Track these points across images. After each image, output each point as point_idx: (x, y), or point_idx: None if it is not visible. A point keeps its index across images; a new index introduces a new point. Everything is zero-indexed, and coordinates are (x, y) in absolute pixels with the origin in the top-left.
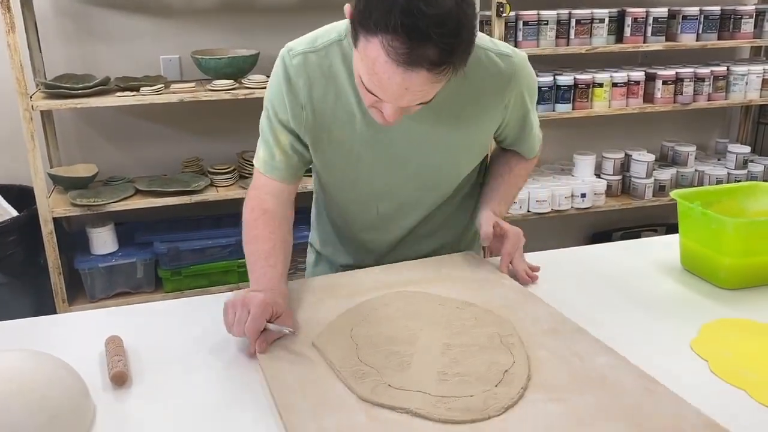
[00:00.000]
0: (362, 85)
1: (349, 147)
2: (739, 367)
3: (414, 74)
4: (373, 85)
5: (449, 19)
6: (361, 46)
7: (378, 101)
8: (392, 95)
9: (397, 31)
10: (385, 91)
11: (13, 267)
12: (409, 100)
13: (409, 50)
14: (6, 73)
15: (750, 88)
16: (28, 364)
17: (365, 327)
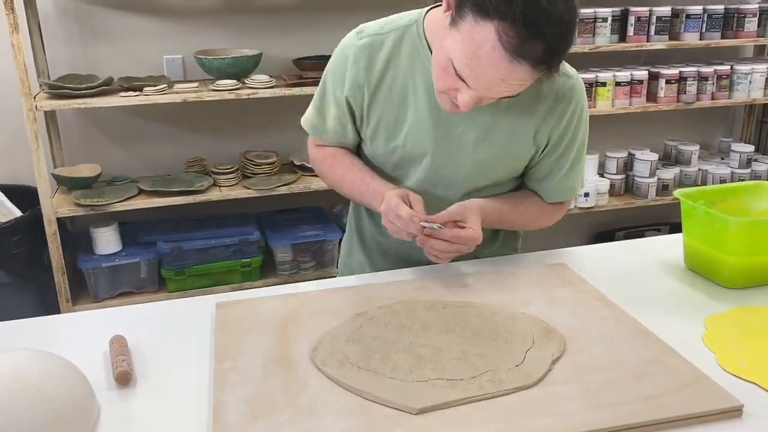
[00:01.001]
0: (445, 69)
1: (397, 130)
2: (747, 359)
3: (517, 67)
4: (467, 69)
5: (563, 21)
6: (466, 27)
7: (456, 88)
8: (485, 83)
9: (516, 21)
10: (480, 77)
11: (17, 267)
12: (497, 92)
13: (522, 41)
14: (10, 74)
15: (754, 87)
16: (33, 363)
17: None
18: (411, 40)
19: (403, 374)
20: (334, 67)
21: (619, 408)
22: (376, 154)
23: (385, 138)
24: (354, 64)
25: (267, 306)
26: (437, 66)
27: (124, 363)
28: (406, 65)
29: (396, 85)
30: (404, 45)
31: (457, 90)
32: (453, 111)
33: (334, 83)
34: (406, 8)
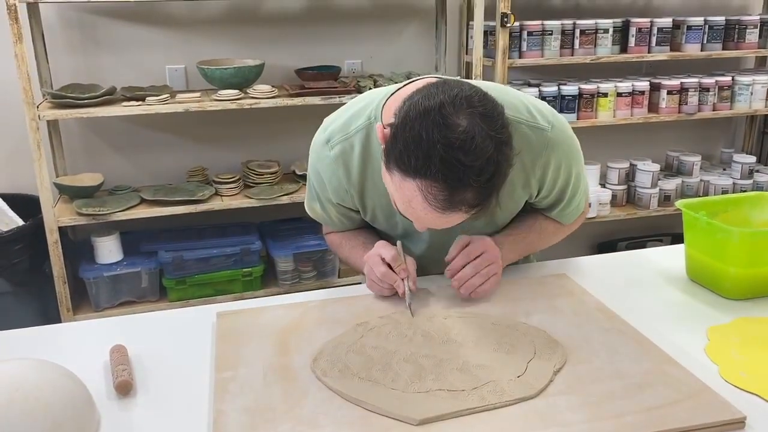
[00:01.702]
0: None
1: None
2: (749, 370)
3: (451, 215)
4: (409, 214)
5: (488, 166)
6: (396, 179)
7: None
8: (428, 224)
9: (437, 179)
10: (421, 223)
11: (18, 276)
12: (444, 228)
13: (448, 196)
14: (13, 83)
15: (755, 98)
16: (33, 373)
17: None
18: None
19: (404, 385)
20: (315, 179)
21: (621, 419)
22: (382, 229)
23: (384, 217)
24: (333, 176)
25: (268, 315)
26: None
27: (125, 372)
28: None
29: (377, 174)
30: (373, 140)
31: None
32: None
33: (321, 190)
34: (407, 19)
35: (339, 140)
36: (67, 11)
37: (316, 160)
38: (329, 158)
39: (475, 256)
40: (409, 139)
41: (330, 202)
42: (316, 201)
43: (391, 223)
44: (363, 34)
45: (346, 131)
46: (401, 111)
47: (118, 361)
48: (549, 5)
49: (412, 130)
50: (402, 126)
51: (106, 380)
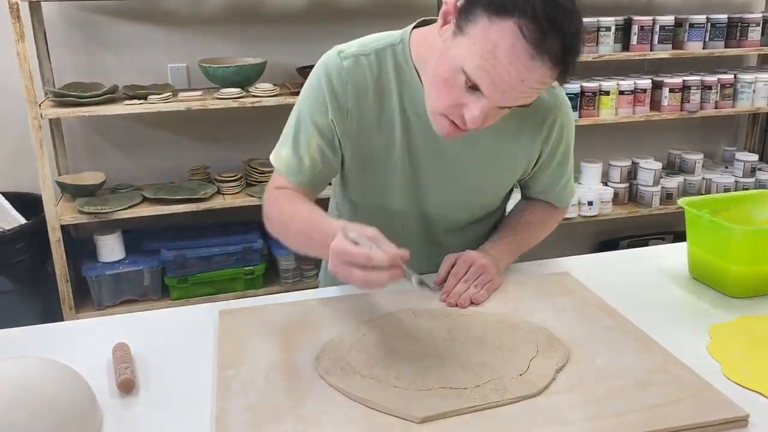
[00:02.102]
0: (447, 83)
1: (386, 156)
2: (751, 368)
3: (538, 64)
4: (482, 73)
5: (577, 19)
6: (478, 29)
7: (462, 102)
8: (503, 86)
9: (536, 15)
10: (498, 80)
11: (20, 274)
12: (513, 98)
13: (543, 36)
14: (15, 82)
15: (757, 96)
16: (36, 371)
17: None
18: (395, 60)
19: (406, 383)
20: (313, 93)
21: (624, 417)
22: (364, 188)
23: (376, 168)
24: (340, 86)
25: (270, 314)
26: (437, 82)
27: (127, 371)
28: (393, 87)
29: (384, 108)
30: (389, 65)
31: (462, 106)
32: (451, 134)
33: (314, 109)
34: (410, 17)
35: (353, 52)
36: (69, 10)
37: (320, 71)
38: (339, 67)
39: (464, 272)
40: None
41: (317, 130)
42: (295, 132)
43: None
44: (365, 32)
45: (362, 47)
46: None
47: (120, 360)
48: None
49: None
50: None
51: (109, 378)
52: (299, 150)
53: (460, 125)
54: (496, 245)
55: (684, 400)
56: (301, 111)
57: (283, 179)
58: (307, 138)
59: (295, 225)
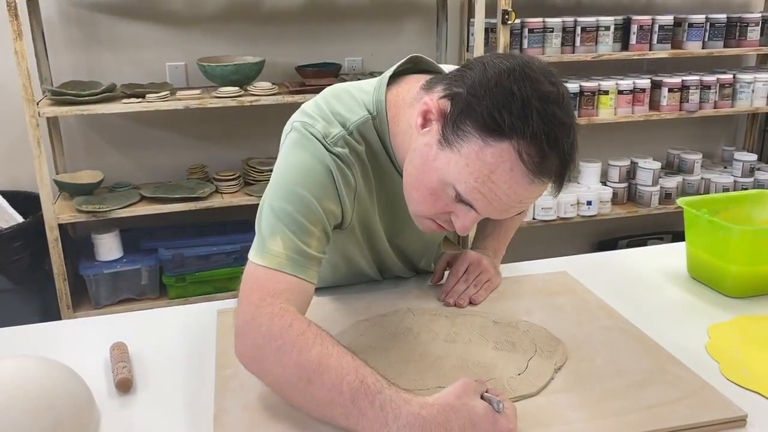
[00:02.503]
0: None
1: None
2: (750, 368)
3: (537, 186)
4: (478, 194)
5: (573, 132)
6: (471, 148)
7: (449, 211)
8: (500, 206)
9: (536, 137)
10: (496, 201)
11: (18, 273)
12: (509, 213)
13: (542, 159)
14: (13, 80)
15: (756, 96)
16: (33, 370)
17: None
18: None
19: (404, 382)
20: (314, 175)
21: (622, 417)
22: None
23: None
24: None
25: None
26: (422, 190)
27: (125, 370)
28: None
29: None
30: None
31: (450, 213)
32: (437, 231)
33: (321, 195)
34: (408, 17)
35: (341, 135)
36: (67, 8)
37: (311, 160)
38: (335, 155)
39: (462, 271)
40: (499, 96)
41: (327, 217)
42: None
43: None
44: (364, 31)
45: (345, 126)
46: (467, 79)
47: (118, 359)
48: (550, 2)
49: (499, 86)
50: (484, 85)
51: (107, 377)
52: (303, 238)
53: (447, 228)
54: (487, 242)
55: (683, 399)
56: (300, 193)
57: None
58: (312, 222)
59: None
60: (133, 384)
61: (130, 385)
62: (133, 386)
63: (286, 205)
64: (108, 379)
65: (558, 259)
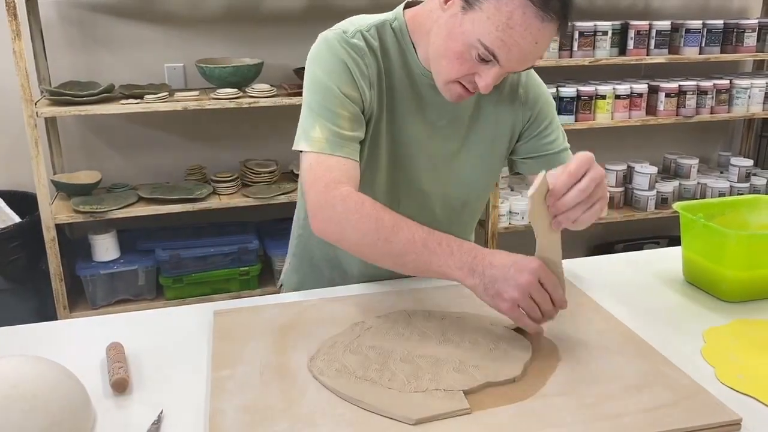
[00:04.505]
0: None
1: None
2: (745, 372)
3: (547, 24)
4: (500, 43)
5: None
6: (489, 4)
7: (474, 72)
8: (519, 52)
9: None
10: (514, 47)
11: (15, 273)
12: (527, 60)
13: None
14: (11, 80)
15: (753, 102)
16: (29, 370)
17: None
18: (393, 37)
19: (400, 384)
20: (332, 65)
21: (617, 420)
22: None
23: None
24: (360, 58)
25: (265, 314)
26: (450, 55)
27: (121, 370)
28: (395, 62)
29: (390, 81)
30: (388, 42)
31: (475, 74)
32: (462, 98)
33: (341, 82)
34: None
35: (358, 28)
36: (66, 8)
37: (333, 45)
38: (350, 43)
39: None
40: None
41: (350, 100)
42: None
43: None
44: None
45: (360, 25)
46: None
47: (114, 359)
48: None
49: None
50: None
51: (103, 378)
52: (333, 120)
53: (471, 89)
54: None
55: (678, 403)
56: (324, 83)
57: (324, 159)
58: (339, 106)
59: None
60: (129, 384)
61: (126, 385)
62: (129, 387)
63: (315, 95)
64: (104, 379)
65: None
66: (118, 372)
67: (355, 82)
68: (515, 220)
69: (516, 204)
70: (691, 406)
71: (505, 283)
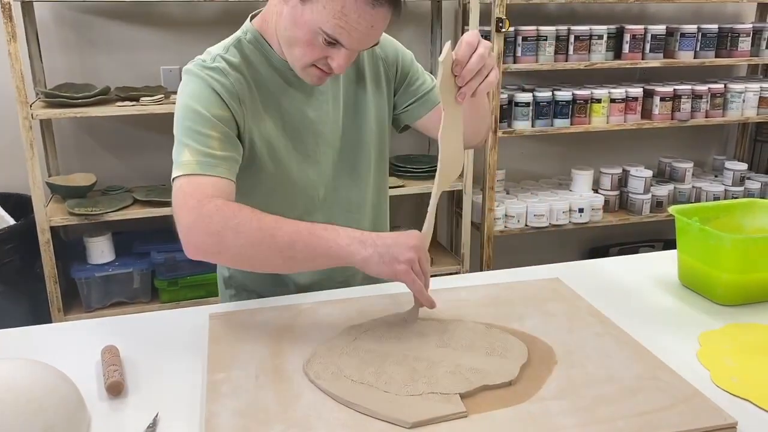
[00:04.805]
0: (311, 42)
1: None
2: (740, 376)
3: (378, 10)
4: (339, 29)
5: None
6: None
7: (326, 56)
8: (358, 36)
9: None
10: (353, 31)
11: (9, 275)
12: (368, 42)
13: None
14: (6, 82)
15: (747, 106)
16: (24, 373)
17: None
18: (251, 48)
19: (397, 388)
20: (198, 91)
21: (613, 424)
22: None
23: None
24: (224, 78)
25: (261, 318)
26: (300, 43)
27: (116, 373)
28: (261, 67)
29: (263, 85)
30: (249, 53)
31: (327, 58)
32: (320, 81)
33: (208, 103)
34: (402, 24)
35: (218, 54)
36: (61, 10)
37: (195, 79)
38: (213, 67)
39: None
40: None
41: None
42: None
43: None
44: None
45: (220, 50)
46: None
47: (109, 362)
48: (544, 11)
49: None
50: None
51: (98, 381)
52: (203, 142)
53: (327, 71)
54: None
55: (673, 407)
56: (193, 107)
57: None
58: (208, 129)
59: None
60: (124, 387)
61: (121, 388)
62: (124, 390)
63: (183, 122)
64: (99, 382)
65: (550, 266)
66: (113, 375)
67: (223, 102)
68: (511, 223)
69: (511, 207)
70: (687, 409)
71: (398, 248)
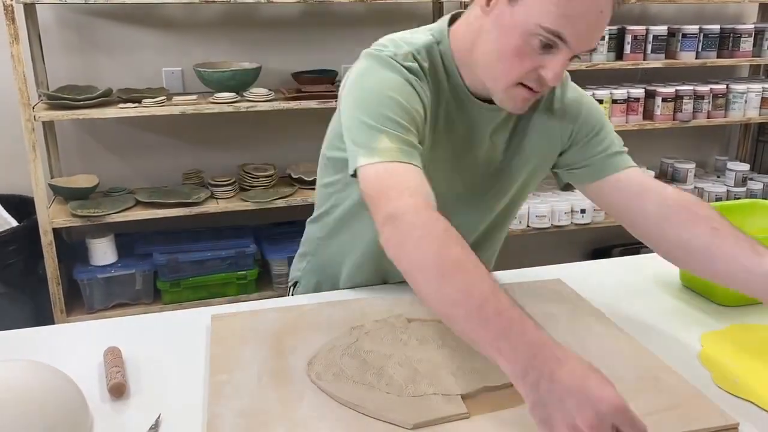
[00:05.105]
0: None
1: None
2: (742, 377)
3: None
4: (563, 19)
5: None
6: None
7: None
8: (583, 27)
9: None
10: (580, 18)
11: (12, 277)
12: (593, 36)
13: None
14: (9, 84)
15: (749, 106)
16: (26, 374)
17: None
18: (440, 60)
19: (398, 389)
20: (394, 82)
21: None
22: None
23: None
24: (418, 80)
25: (263, 319)
26: (507, 55)
27: (119, 375)
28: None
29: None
30: (437, 65)
31: (539, 68)
32: (524, 104)
33: (408, 97)
34: (405, 24)
35: (407, 53)
36: (64, 12)
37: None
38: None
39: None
40: None
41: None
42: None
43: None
44: (360, 38)
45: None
46: None
47: (111, 363)
48: None
49: None
50: None
51: (100, 382)
52: (404, 132)
53: (536, 88)
54: None
55: (674, 408)
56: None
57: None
58: (406, 119)
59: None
60: (127, 389)
61: (123, 390)
62: (127, 391)
63: (380, 109)
64: (101, 383)
65: (552, 267)
66: (115, 376)
67: (421, 101)
68: (513, 224)
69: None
70: (688, 411)
71: (559, 413)
